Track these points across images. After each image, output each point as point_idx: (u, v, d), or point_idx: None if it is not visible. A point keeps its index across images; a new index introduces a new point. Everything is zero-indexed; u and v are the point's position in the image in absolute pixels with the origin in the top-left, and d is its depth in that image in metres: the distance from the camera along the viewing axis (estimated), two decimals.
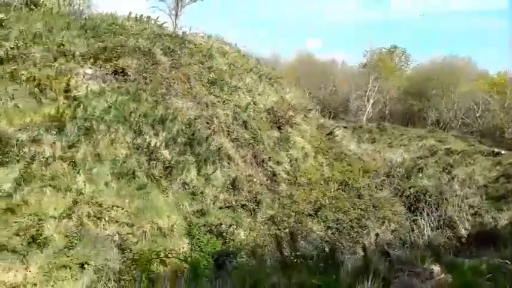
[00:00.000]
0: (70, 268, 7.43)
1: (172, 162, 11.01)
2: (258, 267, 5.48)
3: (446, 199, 14.83)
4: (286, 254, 5.64)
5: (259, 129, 14.57)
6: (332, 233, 11.17)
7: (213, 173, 11.41)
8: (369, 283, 4.06)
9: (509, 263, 5.82)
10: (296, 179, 13.39)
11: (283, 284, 4.25)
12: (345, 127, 34.95)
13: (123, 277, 7.65)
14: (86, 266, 7.53)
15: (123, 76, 13.59)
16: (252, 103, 15.66)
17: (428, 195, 15.13)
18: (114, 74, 13.19)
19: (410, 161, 22.00)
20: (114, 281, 7.40)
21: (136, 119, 11.82)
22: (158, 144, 11.38)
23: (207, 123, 13.10)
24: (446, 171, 19.97)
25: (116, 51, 13.66)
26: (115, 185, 9.62)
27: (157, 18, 18.68)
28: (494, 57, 60.75)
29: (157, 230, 9.33)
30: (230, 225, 9.79)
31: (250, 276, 4.65)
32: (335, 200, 12.68)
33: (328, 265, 4.81)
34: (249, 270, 5.67)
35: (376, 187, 15.45)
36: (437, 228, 11.59)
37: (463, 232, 10.30)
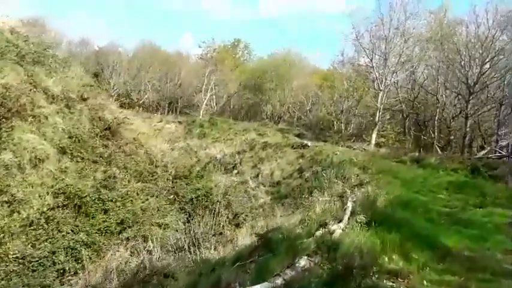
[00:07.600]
0: None
1: None
2: None
3: (229, 202, 12.29)
4: None
5: None
6: (8, 279, 7.09)
7: None
8: None
9: None
10: None
11: None
12: (180, 122, 31.58)
13: None
14: None
15: None
16: None
17: (209, 199, 12.37)
18: None
19: (230, 156, 19.79)
20: None
21: None
22: None
23: None
24: (257, 166, 18.14)
25: None
26: None
27: None
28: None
29: None
30: None
31: None
32: (49, 224, 8.65)
33: None
34: None
35: (148, 193, 12.01)
36: (181, 250, 8.50)
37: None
